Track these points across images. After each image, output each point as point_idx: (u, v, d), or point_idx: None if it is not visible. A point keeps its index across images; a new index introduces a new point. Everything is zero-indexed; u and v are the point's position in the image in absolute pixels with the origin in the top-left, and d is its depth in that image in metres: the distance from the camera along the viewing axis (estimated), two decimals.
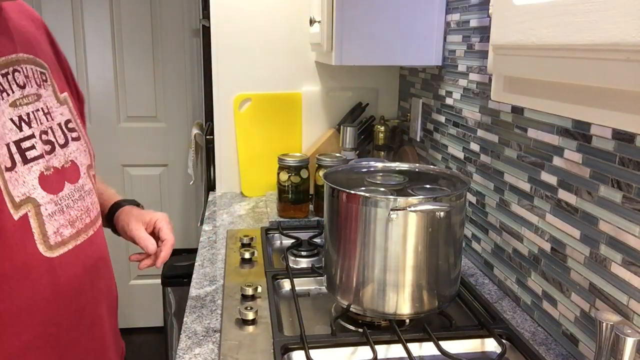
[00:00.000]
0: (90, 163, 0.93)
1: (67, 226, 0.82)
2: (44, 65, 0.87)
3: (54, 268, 0.79)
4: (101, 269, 0.92)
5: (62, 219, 0.81)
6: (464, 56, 1.39)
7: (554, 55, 0.59)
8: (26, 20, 0.89)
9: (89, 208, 0.88)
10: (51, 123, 0.84)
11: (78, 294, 0.84)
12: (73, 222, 0.83)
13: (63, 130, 0.87)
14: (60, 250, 0.80)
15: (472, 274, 1.31)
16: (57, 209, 0.80)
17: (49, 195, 0.79)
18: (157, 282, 2.32)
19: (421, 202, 0.95)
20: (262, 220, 1.65)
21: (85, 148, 0.92)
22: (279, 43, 1.87)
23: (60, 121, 0.87)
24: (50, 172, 0.81)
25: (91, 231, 0.88)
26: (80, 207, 0.86)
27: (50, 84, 0.87)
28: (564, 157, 0.98)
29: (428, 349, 0.99)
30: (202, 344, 0.99)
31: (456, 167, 1.44)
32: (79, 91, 1.03)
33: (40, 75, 0.85)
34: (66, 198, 0.83)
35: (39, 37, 0.91)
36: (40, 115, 0.82)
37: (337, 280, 1.05)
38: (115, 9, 2.66)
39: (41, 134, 0.81)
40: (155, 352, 2.79)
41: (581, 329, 0.94)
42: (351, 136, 1.73)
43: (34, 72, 0.83)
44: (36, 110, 0.81)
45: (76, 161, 0.87)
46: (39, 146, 0.80)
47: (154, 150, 2.83)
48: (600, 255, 0.89)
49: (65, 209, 0.82)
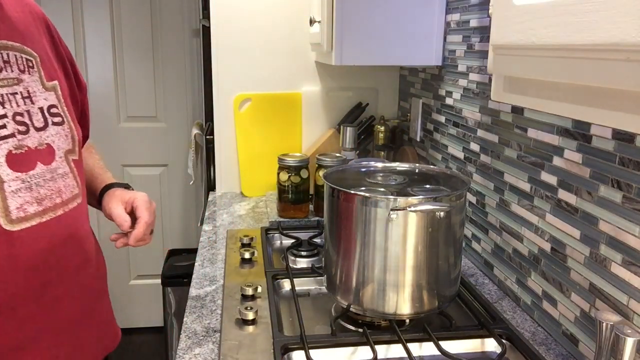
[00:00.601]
0: (72, 148, 0.96)
1: (33, 203, 0.85)
2: (32, 53, 0.92)
3: (12, 240, 0.83)
4: (71, 249, 0.93)
5: (28, 196, 0.85)
6: (464, 56, 1.39)
7: (554, 55, 0.59)
8: (22, 12, 0.94)
9: (60, 190, 0.91)
10: (30, 107, 0.89)
11: (39, 270, 0.87)
12: (41, 200, 0.87)
13: (44, 114, 0.91)
14: (22, 225, 0.84)
15: (472, 274, 1.31)
16: (23, 186, 0.85)
17: (15, 172, 0.84)
18: (157, 282, 2.33)
19: (421, 202, 0.95)
20: (262, 220, 1.65)
21: (68, 133, 0.95)
22: (279, 43, 1.87)
23: (42, 105, 0.91)
24: (22, 151, 0.86)
25: (60, 211, 0.90)
26: (52, 187, 0.89)
27: (37, 71, 0.92)
28: (564, 157, 0.98)
29: (428, 349, 0.99)
30: (202, 344, 0.99)
31: (456, 167, 1.44)
32: (81, 81, 1.09)
33: (26, 62, 0.90)
34: (37, 177, 0.87)
35: (32, 29, 0.95)
36: (18, 98, 0.87)
37: (337, 280, 1.05)
38: (115, 9, 2.66)
39: (15, 115, 0.86)
40: (155, 352, 2.79)
41: (581, 329, 0.94)
42: (351, 136, 1.73)
43: (18, 58, 0.89)
44: (13, 93, 0.87)
45: (53, 145, 0.91)
46: (11, 126, 0.85)
47: (154, 150, 2.83)
48: (600, 255, 0.89)
49: (34, 187, 0.86)
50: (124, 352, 2.82)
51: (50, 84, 0.95)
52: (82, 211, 0.98)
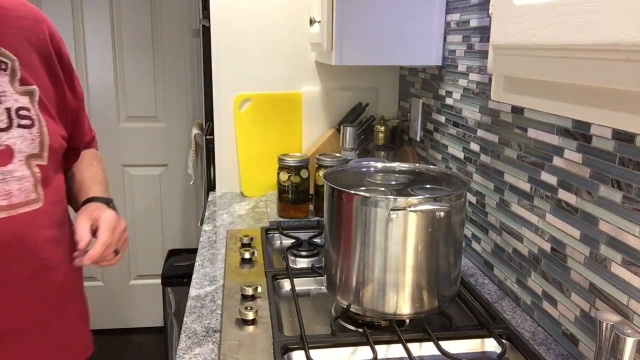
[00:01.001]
0: (39, 153, 0.95)
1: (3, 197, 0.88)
2: (9, 56, 0.93)
3: None
4: (17, 255, 0.92)
5: None
6: (464, 56, 1.39)
7: (554, 55, 0.59)
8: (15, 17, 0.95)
9: (11, 192, 0.90)
10: None
11: None
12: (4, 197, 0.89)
13: (10, 115, 0.91)
14: None
15: (472, 274, 1.31)
16: None
17: None
18: (157, 282, 2.33)
19: (421, 202, 0.95)
20: (262, 220, 1.65)
21: (36, 138, 0.95)
22: (279, 43, 1.87)
23: (9, 106, 0.92)
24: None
25: (4, 214, 0.90)
26: (1, 189, 0.89)
27: (9, 74, 0.93)
28: (564, 157, 0.98)
29: (428, 349, 0.99)
30: (202, 344, 0.99)
31: (456, 167, 1.44)
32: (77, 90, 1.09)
33: None
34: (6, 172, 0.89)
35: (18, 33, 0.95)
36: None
37: (337, 280, 1.05)
38: (115, 9, 2.66)
39: None
40: (155, 352, 2.79)
41: (581, 329, 0.94)
42: (351, 136, 1.73)
43: None
44: None
45: (13, 147, 0.91)
46: None
47: (154, 150, 2.83)
48: (600, 255, 0.89)
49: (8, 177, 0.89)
50: (124, 352, 2.83)
51: (26, 88, 0.94)
52: (40, 217, 0.95)
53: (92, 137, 1.22)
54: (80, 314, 1.10)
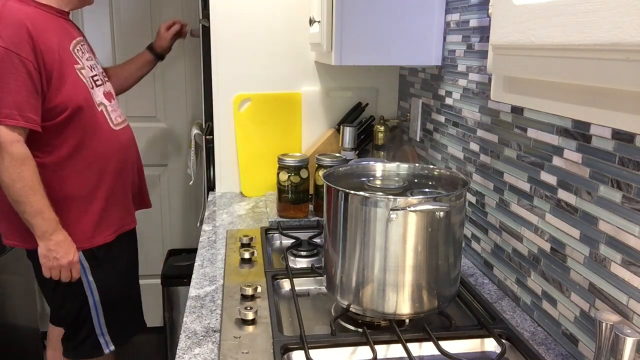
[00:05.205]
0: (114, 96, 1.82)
1: (118, 117, 1.72)
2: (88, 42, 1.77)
3: (117, 135, 1.69)
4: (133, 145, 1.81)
5: (114, 114, 1.70)
6: (463, 56, 1.39)
7: (553, 55, 0.59)
8: None
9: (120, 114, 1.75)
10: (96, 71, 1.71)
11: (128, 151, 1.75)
12: (119, 116, 1.73)
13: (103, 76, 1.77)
14: (119, 127, 1.71)
15: (472, 274, 1.31)
16: (112, 109, 1.70)
17: (109, 102, 1.70)
18: (157, 282, 2.32)
19: (421, 202, 0.95)
20: (262, 220, 1.65)
21: (111, 88, 1.80)
22: (279, 43, 1.87)
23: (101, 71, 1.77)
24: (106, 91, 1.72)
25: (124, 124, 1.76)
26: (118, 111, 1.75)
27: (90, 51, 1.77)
28: (564, 157, 0.98)
29: (428, 349, 0.99)
30: (201, 344, 0.99)
31: (456, 167, 1.44)
32: None
33: (89, 47, 1.73)
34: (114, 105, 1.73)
35: None
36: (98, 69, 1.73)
37: (337, 280, 1.05)
38: (115, 8, 2.66)
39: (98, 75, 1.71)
40: (155, 352, 2.79)
41: (581, 329, 0.94)
42: (351, 136, 1.73)
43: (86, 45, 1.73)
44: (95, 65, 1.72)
45: (111, 90, 1.77)
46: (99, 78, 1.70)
47: (154, 150, 2.83)
48: (600, 255, 0.89)
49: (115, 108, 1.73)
50: (123, 352, 2.82)
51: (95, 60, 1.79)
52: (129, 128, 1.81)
53: None
54: None
